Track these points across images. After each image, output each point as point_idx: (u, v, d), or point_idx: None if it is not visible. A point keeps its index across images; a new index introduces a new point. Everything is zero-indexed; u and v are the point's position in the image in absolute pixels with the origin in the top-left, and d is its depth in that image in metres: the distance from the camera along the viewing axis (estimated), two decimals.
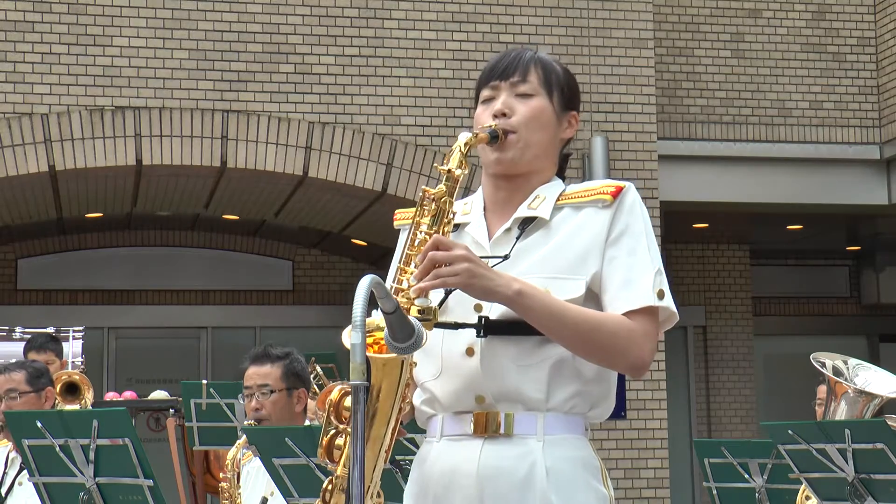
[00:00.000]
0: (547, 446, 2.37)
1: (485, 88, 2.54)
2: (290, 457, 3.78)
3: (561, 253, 2.41)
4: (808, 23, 11.15)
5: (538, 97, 2.50)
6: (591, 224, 2.43)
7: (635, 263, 2.41)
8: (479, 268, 2.28)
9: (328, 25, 9.32)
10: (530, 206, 2.47)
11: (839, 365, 4.84)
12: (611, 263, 2.41)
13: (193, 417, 5.85)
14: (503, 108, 2.49)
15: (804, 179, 10.81)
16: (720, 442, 5.17)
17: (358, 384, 2.04)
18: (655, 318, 2.42)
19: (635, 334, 2.37)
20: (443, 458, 2.42)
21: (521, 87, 2.50)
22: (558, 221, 2.45)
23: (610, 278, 2.40)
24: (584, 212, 2.45)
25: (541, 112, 2.49)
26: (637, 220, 2.44)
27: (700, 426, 13.08)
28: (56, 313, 12.07)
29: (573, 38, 9.68)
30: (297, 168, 9.17)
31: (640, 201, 2.47)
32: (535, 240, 2.44)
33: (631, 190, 2.47)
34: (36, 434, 4.05)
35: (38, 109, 8.81)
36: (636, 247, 2.42)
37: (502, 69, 2.52)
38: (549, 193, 2.49)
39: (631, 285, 2.39)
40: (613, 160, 9.61)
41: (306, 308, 13.18)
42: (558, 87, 2.53)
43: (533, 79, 2.50)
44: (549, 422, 2.38)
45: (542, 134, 2.50)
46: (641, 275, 2.40)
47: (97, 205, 11.11)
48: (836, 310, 14.58)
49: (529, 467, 2.36)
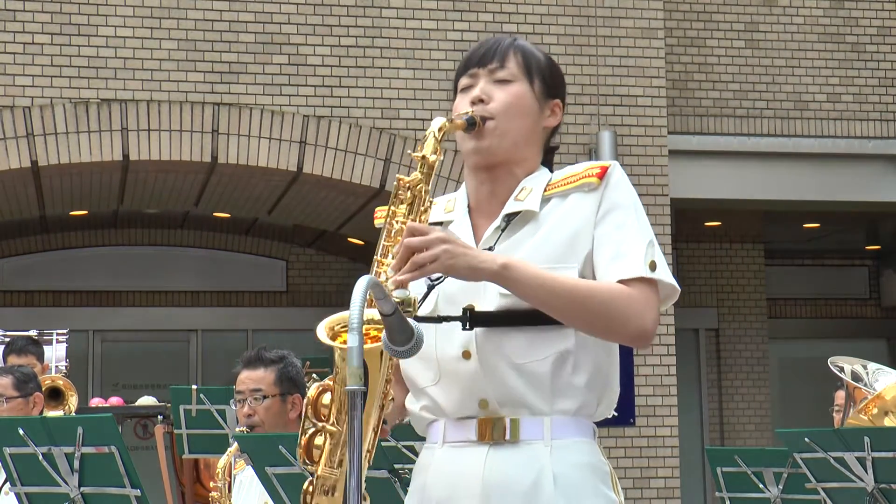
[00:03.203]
0: (554, 451, 2.37)
1: (463, 77, 2.55)
2: (284, 465, 3.78)
3: (550, 242, 2.41)
4: (826, 11, 11.15)
5: (517, 83, 2.50)
6: (579, 209, 2.43)
7: (625, 237, 2.41)
8: (457, 247, 2.28)
9: (323, 15, 9.32)
10: (517, 199, 2.47)
11: (858, 369, 4.85)
12: (600, 239, 2.41)
13: (183, 424, 5.85)
14: (480, 94, 2.49)
15: (821, 175, 10.81)
16: (733, 450, 5.17)
17: (355, 389, 2.04)
18: (654, 288, 2.40)
19: (634, 301, 2.36)
20: (446, 465, 2.41)
21: (499, 73, 2.50)
22: (546, 212, 2.45)
23: (600, 254, 2.41)
24: (570, 198, 2.45)
25: (519, 98, 2.49)
26: (624, 194, 2.45)
27: (712, 433, 13.08)
28: (39, 315, 12.08)
29: (579, 28, 9.68)
30: (292, 164, 9.17)
31: (626, 178, 2.47)
32: (525, 232, 2.44)
33: (616, 168, 2.47)
34: (18, 442, 4.05)
35: (19, 102, 8.81)
36: (624, 220, 2.42)
37: (480, 56, 2.52)
38: (535, 184, 2.48)
39: (621, 257, 2.39)
40: (622, 155, 9.61)
41: (300, 310, 13.18)
42: (539, 74, 2.52)
43: (511, 64, 2.50)
44: (557, 426, 2.38)
45: (521, 121, 2.49)
46: (631, 246, 2.40)
47: (82, 202, 11.12)
48: (855, 312, 14.59)
49: (537, 474, 2.36)
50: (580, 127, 9.60)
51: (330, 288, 13.22)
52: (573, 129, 9.53)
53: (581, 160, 9.60)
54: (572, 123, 9.52)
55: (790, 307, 14.30)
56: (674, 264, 10.39)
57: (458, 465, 2.40)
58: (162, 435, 7.64)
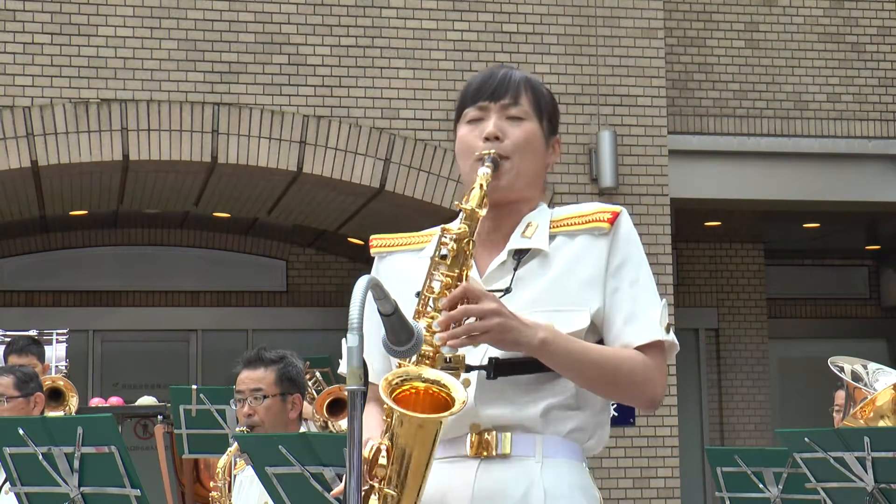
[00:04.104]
0: (546, 468, 2.38)
1: (471, 107, 2.50)
2: (284, 465, 3.78)
3: (561, 285, 2.42)
4: (826, 11, 11.15)
5: (529, 121, 2.49)
6: (589, 253, 2.43)
7: (639, 295, 2.43)
8: (509, 321, 2.28)
9: (323, 14, 9.32)
10: (524, 235, 2.46)
11: (858, 369, 4.85)
12: (614, 295, 2.42)
13: (183, 424, 5.86)
14: (496, 131, 2.46)
15: (821, 175, 10.81)
16: (733, 450, 5.18)
17: (355, 389, 2.05)
18: (664, 351, 2.45)
19: (650, 370, 2.41)
20: (436, 480, 2.39)
21: (512, 111, 2.48)
22: (553, 250, 2.45)
23: (615, 311, 2.42)
24: (579, 240, 2.45)
25: (533, 137, 2.48)
26: (634, 246, 2.47)
27: (712, 433, 13.08)
28: (39, 315, 12.07)
29: (579, 28, 9.68)
30: (291, 164, 9.17)
31: (633, 228, 2.49)
32: (533, 270, 2.44)
33: (625, 216, 2.47)
34: (18, 441, 4.05)
35: (19, 102, 8.81)
36: (638, 277, 2.44)
37: (492, 89, 2.48)
38: (540, 220, 2.48)
39: (637, 319, 2.41)
40: (622, 156, 9.61)
41: (300, 310, 13.18)
42: (546, 112, 2.52)
43: (524, 101, 2.48)
44: (548, 444, 2.39)
45: (533, 160, 2.49)
46: (647, 308, 2.42)
47: (82, 202, 11.12)
48: (855, 312, 14.58)
49: (527, 488, 2.37)
50: (580, 127, 9.60)
51: (330, 288, 13.22)
52: (573, 128, 9.53)
53: (581, 160, 9.64)
54: (572, 123, 9.52)
55: (790, 307, 14.29)
56: (674, 264, 10.39)
57: (448, 480, 2.39)
58: (162, 435, 7.64)
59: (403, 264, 2.55)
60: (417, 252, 2.54)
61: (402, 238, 2.61)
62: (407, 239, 2.60)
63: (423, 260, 2.43)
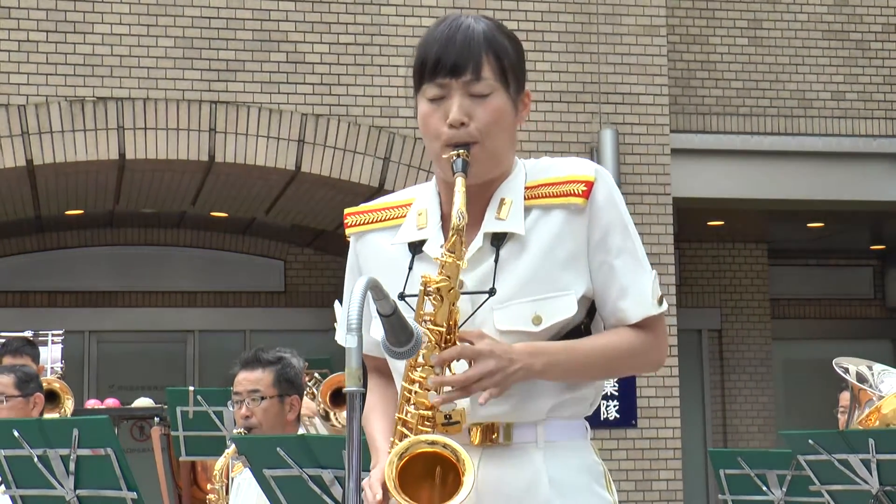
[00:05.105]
0: (548, 453, 2.38)
1: (429, 84, 2.37)
2: (282, 468, 3.78)
3: (543, 270, 2.36)
4: (830, 8, 11.15)
5: (494, 95, 2.36)
6: (569, 232, 2.37)
7: (627, 266, 2.39)
8: (507, 372, 2.28)
9: (322, 12, 9.32)
10: (498, 217, 2.39)
11: (863, 370, 4.85)
12: (601, 269, 2.39)
13: (179, 426, 5.85)
14: (461, 117, 2.34)
15: (825, 174, 10.81)
16: (736, 452, 5.18)
17: (354, 390, 2.05)
18: (662, 319, 2.47)
19: (649, 344, 2.44)
20: None
21: (475, 87, 2.35)
22: (530, 229, 2.38)
23: (606, 286, 2.40)
24: (555, 215, 2.38)
25: (500, 114, 2.37)
26: (615, 214, 2.39)
27: (715, 435, 13.08)
28: (34, 316, 12.07)
29: (581, 25, 9.68)
30: (290, 163, 9.17)
31: (609, 187, 2.40)
32: (511, 254, 2.38)
33: (599, 182, 2.38)
34: (13, 443, 4.05)
35: (14, 100, 8.81)
36: (623, 244, 2.40)
37: (451, 65, 2.34)
38: (514, 196, 2.40)
39: (628, 294, 2.39)
40: (623, 154, 9.61)
41: (298, 310, 13.18)
42: (512, 72, 2.39)
43: (487, 72, 2.35)
44: (550, 428, 2.39)
45: (502, 136, 2.39)
46: (637, 280, 2.40)
47: (77, 201, 11.11)
48: (860, 312, 14.58)
49: (531, 476, 2.37)
50: (582, 126, 9.60)
51: (328, 288, 13.21)
52: (574, 127, 9.53)
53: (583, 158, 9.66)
54: (574, 122, 9.52)
55: (794, 307, 14.29)
56: (676, 264, 10.39)
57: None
58: (158, 437, 7.63)
59: (381, 244, 2.50)
60: (393, 231, 2.49)
61: (377, 211, 2.56)
62: (381, 213, 2.55)
63: (399, 246, 2.43)
